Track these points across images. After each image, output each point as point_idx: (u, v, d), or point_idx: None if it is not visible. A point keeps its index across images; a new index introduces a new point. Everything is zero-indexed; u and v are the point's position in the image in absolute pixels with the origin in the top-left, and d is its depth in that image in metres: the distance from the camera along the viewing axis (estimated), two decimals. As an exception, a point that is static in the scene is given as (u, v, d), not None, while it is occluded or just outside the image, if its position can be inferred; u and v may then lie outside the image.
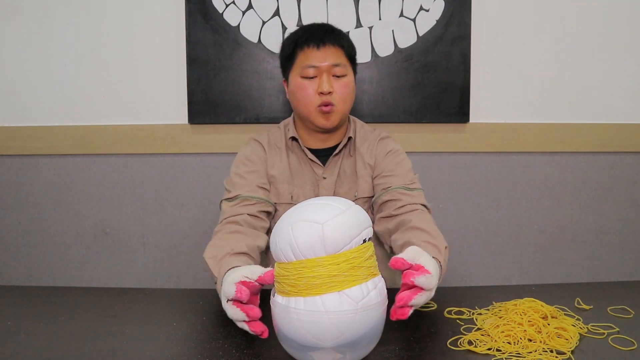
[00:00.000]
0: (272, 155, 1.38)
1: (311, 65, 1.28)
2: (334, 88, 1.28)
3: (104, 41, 1.76)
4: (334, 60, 1.28)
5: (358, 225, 0.82)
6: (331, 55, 1.28)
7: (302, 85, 1.29)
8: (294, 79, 1.31)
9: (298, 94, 1.31)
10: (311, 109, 1.30)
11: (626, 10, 1.78)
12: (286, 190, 1.35)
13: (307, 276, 0.80)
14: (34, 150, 1.79)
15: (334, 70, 1.29)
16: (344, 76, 1.30)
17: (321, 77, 1.28)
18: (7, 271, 1.85)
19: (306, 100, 1.30)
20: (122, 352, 0.90)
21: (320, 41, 1.28)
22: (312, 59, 1.28)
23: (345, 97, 1.31)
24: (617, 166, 1.84)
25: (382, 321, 0.84)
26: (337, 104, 1.29)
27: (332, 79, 1.29)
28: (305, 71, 1.28)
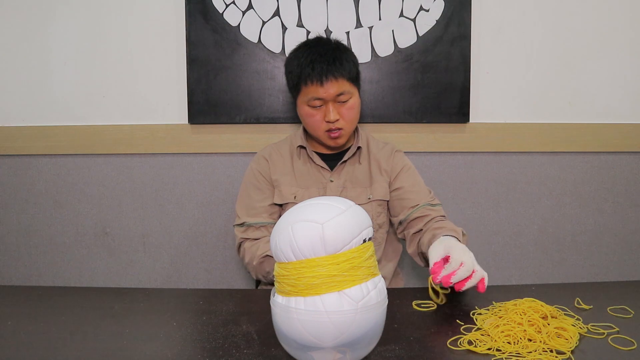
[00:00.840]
0: (275, 162, 1.48)
1: (316, 97, 1.37)
2: (340, 114, 1.38)
3: (103, 41, 1.76)
4: (338, 91, 1.37)
5: (358, 225, 0.82)
6: (335, 87, 1.36)
7: (310, 113, 1.40)
8: (302, 106, 1.41)
9: (307, 120, 1.42)
10: (320, 133, 1.41)
11: (626, 10, 1.78)
12: (289, 191, 1.43)
13: (307, 276, 0.80)
14: (34, 150, 1.79)
15: (338, 98, 1.38)
16: (348, 100, 1.39)
17: (327, 107, 1.38)
18: (7, 271, 1.85)
19: (315, 125, 1.41)
20: (122, 352, 0.90)
21: (323, 77, 1.35)
22: (316, 92, 1.37)
23: (352, 119, 1.42)
24: (617, 166, 1.84)
25: (382, 321, 0.84)
26: (344, 127, 1.40)
27: (337, 105, 1.38)
28: (312, 102, 1.38)
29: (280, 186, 1.44)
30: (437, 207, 1.41)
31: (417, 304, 1.09)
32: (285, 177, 1.45)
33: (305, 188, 1.44)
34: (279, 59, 1.73)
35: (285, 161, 1.48)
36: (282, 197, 1.44)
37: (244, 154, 1.79)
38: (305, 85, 1.37)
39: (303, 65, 1.38)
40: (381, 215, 1.47)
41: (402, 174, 1.47)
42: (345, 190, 1.45)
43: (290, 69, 1.42)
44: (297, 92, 1.41)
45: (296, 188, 1.44)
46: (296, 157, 1.48)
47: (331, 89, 1.36)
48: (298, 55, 1.41)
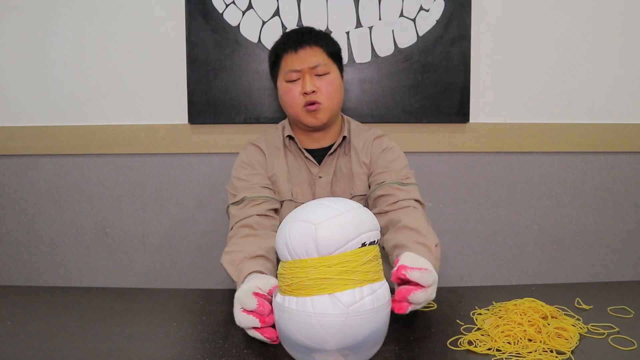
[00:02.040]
0: (271, 156, 1.41)
1: (292, 69, 1.32)
2: (317, 87, 1.32)
3: (103, 41, 1.76)
4: (314, 62, 1.32)
5: (355, 228, 0.81)
6: (310, 56, 1.32)
7: (287, 88, 1.34)
8: (281, 84, 1.36)
9: (285, 97, 1.35)
10: (298, 110, 1.34)
11: (626, 10, 1.78)
12: (286, 187, 1.38)
13: (299, 276, 0.80)
14: (34, 150, 1.79)
15: (315, 70, 1.33)
16: (327, 74, 1.34)
17: (304, 79, 1.32)
18: (7, 271, 1.85)
19: (292, 101, 1.34)
20: (122, 352, 0.90)
21: (297, 44, 1.33)
22: (292, 63, 1.32)
23: (331, 95, 1.34)
24: (617, 166, 1.84)
25: (383, 327, 0.83)
26: (323, 101, 1.33)
27: (315, 79, 1.32)
28: (289, 75, 1.33)
29: (277, 182, 1.39)
30: (409, 188, 1.29)
31: (417, 304, 1.09)
32: (281, 173, 1.39)
33: (298, 185, 1.39)
34: (279, 59, 1.73)
35: (279, 155, 1.41)
36: (280, 194, 1.38)
37: (244, 154, 1.78)
38: (282, 56, 1.35)
39: (281, 40, 1.38)
40: None
41: (380, 157, 1.37)
42: (333, 186, 1.38)
43: (270, 51, 1.41)
44: (276, 71, 1.38)
45: (291, 185, 1.39)
46: (287, 151, 1.42)
47: (307, 57, 1.32)
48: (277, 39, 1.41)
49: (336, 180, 1.38)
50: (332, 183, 1.38)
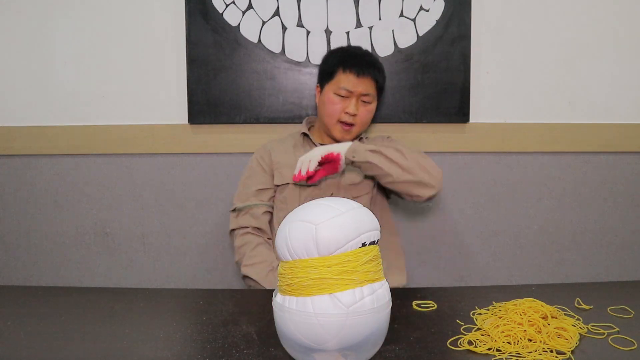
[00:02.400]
0: (277, 147, 1.58)
1: (347, 88, 1.48)
2: (358, 112, 1.49)
3: (104, 41, 1.76)
4: (366, 90, 1.49)
5: (355, 228, 0.81)
6: (366, 85, 1.49)
7: (334, 100, 1.50)
8: (328, 93, 1.51)
9: (328, 106, 1.51)
10: (333, 121, 1.51)
11: (626, 10, 1.78)
12: (289, 172, 1.51)
13: (300, 276, 0.80)
14: (34, 150, 1.79)
15: (363, 97, 1.49)
16: (369, 103, 1.51)
17: (351, 100, 1.49)
18: (7, 271, 1.85)
19: (332, 113, 1.50)
20: (122, 352, 0.90)
21: (361, 71, 1.48)
22: (349, 83, 1.48)
23: (366, 121, 1.54)
24: (617, 166, 1.84)
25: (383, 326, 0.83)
26: (357, 124, 1.51)
27: (359, 104, 1.50)
28: (340, 91, 1.49)
29: (280, 168, 1.53)
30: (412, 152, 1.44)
31: (417, 304, 1.09)
32: (286, 159, 1.54)
33: None
34: (279, 59, 1.74)
35: (287, 148, 1.57)
36: (282, 178, 1.53)
37: (244, 154, 1.79)
38: (343, 72, 1.48)
39: (347, 56, 1.52)
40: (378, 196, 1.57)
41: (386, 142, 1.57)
42: (344, 176, 1.53)
43: (329, 60, 1.54)
44: (329, 79, 1.51)
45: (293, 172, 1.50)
46: (299, 145, 1.58)
47: (362, 85, 1.48)
48: (341, 49, 1.59)
49: (348, 169, 1.53)
50: (345, 173, 1.54)
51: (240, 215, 1.52)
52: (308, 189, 1.51)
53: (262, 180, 1.55)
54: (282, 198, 1.53)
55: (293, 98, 1.75)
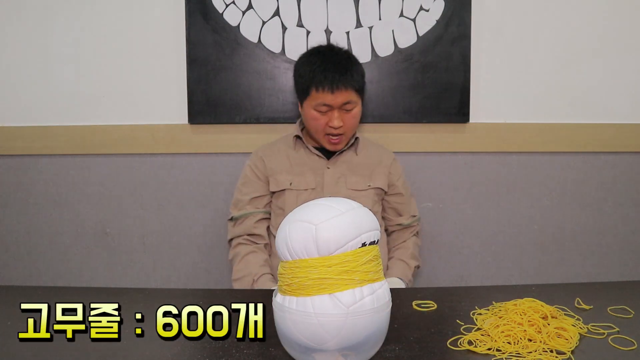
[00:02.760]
0: (270, 155, 1.56)
1: (324, 103, 1.44)
2: (343, 121, 1.46)
3: (104, 41, 1.76)
4: (345, 100, 1.45)
5: (356, 228, 0.81)
6: (343, 96, 1.44)
7: (315, 117, 1.47)
8: (308, 109, 1.48)
9: (311, 122, 1.49)
10: (320, 135, 1.49)
11: (626, 10, 1.78)
12: (285, 178, 1.52)
13: (300, 276, 0.80)
14: (34, 150, 1.79)
15: (344, 106, 1.46)
16: (352, 109, 1.48)
17: (332, 114, 1.45)
18: (7, 271, 1.85)
19: (317, 128, 1.48)
20: (122, 352, 0.90)
21: (334, 86, 1.43)
22: (325, 98, 1.44)
23: (352, 126, 1.50)
24: (617, 166, 1.84)
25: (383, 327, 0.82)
26: (345, 133, 1.49)
27: (342, 113, 1.46)
28: (319, 107, 1.45)
29: (275, 175, 1.53)
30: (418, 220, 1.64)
31: (417, 304, 1.09)
32: (280, 165, 1.53)
33: (301, 175, 1.51)
34: (279, 59, 1.74)
35: (280, 153, 1.56)
36: (278, 184, 1.52)
37: (244, 154, 1.78)
38: (316, 91, 1.44)
39: (316, 72, 1.45)
40: (376, 204, 1.56)
41: (401, 181, 1.61)
42: (344, 177, 1.52)
43: (301, 73, 1.48)
44: (305, 96, 1.47)
45: (292, 175, 1.52)
46: (292, 148, 1.56)
47: (339, 98, 1.43)
48: (311, 60, 1.48)
49: (350, 173, 1.53)
50: (346, 175, 1.53)
51: (237, 224, 1.54)
52: (305, 193, 1.51)
53: (257, 188, 1.55)
54: (280, 204, 1.52)
55: (293, 98, 1.75)
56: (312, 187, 1.51)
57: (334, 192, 1.50)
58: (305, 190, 1.50)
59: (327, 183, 1.51)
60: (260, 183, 1.55)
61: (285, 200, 1.51)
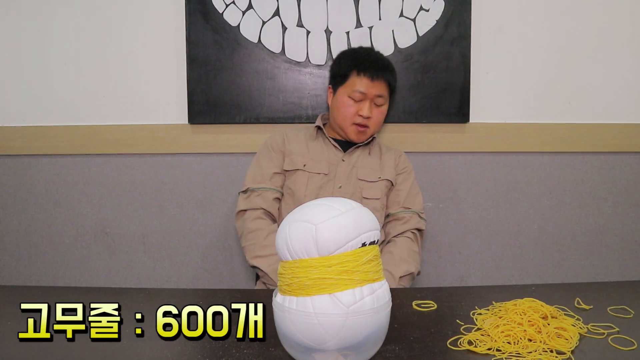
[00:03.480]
0: (290, 136, 1.59)
1: (361, 91, 1.50)
2: (372, 114, 1.51)
3: (103, 41, 1.76)
4: (380, 92, 1.51)
5: (355, 228, 0.81)
6: (379, 88, 1.51)
7: (348, 103, 1.51)
8: (342, 96, 1.53)
9: (342, 109, 1.53)
10: (347, 123, 1.53)
11: (626, 10, 1.78)
12: (300, 160, 1.54)
13: (300, 276, 0.80)
14: (34, 150, 1.79)
15: (376, 99, 1.52)
16: (382, 105, 1.54)
17: (365, 103, 1.51)
18: (7, 271, 1.85)
19: (346, 115, 1.52)
20: (122, 352, 0.90)
21: (375, 74, 1.50)
22: (363, 86, 1.50)
23: (379, 122, 1.56)
24: (617, 166, 1.84)
25: (383, 326, 0.82)
26: (371, 126, 1.53)
27: (372, 106, 1.52)
28: (354, 94, 1.50)
29: (292, 154, 1.55)
30: (421, 222, 1.55)
31: (417, 304, 1.09)
32: (298, 147, 1.56)
33: (316, 160, 1.54)
34: (279, 59, 1.74)
35: (300, 137, 1.59)
36: (293, 164, 1.54)
37: (244, 154, 1.79)
38: (357, 75, 1.50)
39: (360, 59, 1.53)
40: (383, 198, 1.57)
41: (406, 177, 1.59)
42: (356, 169, 1.54)
43: (343, 61, 1.55)
44: (343, 82, 1.53)
45: (307, 159, 1.54)
46: (312, 137, 1.59)
47: (376, 88, 1.50)
48: (354, 51, 1.59)
49: (362, 166, 1.55)
50: (358, 167, 1.55)
51: (252, 196, 1.50)
52: (317, 177, 1.52)
53: (277, 164, 1.55)
54: (290, 184, 1.53)
55: (293, 98, 1.75)
56: (325, 172, 1.52)
57: (345, 181, 1.52)
58: (317, 174, 1.52)
59: (339, 171, 1.53)
60: (280, 160, 1.55)
61: (296, 181, 1.51)
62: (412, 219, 1.53)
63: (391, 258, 1.43)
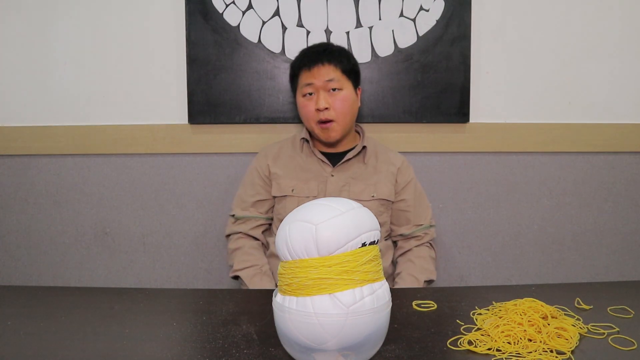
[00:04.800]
0: (275, 157, 1.54)
1: (307, 83, 1.44)
2: (330, 104, 1.43)
3: (103, 41, 1.76)
4: (327, 77, 1.43)
5: (355, 228, 0.81)
6: (324, 73, 1.43)
7: (303, 103, 1.47)
8: (298, 99, 1.49)
9: (301, 111, 1.49)
10: (313, 125, 1.46)
11: (626, 10, 1.78)
12: (288, 184, 1.49)
13: (300, 276, 0.80)
14: (34, 150, 1.79)
15: (328, 85, 1.43)
16: (340, 90, 1.44)
17: (318, 95, 1.44)
18: (7, 271, 1.85)
19: (307, 116, 1.46)
20: (122, 352, 0.90)
21: (311, 62, 1.44)
22: (307, 78, 1.44)
23: (344, 111, 1.44)
24: (617, 166, 1.84)
25: (383, 326, 0.82)
26: (336, 118, 1.44)
27: (328, 95, 1.41)
28: (304, 90, 1.46)
29: (278, 179, 1.50)
30: (432, 229, 1.56)
31: (417, 304, 1.09)
32: (284, 170, 1.51)
33: (304, 181, 1.49)
34: (279, 59, 1.74)
35: (286, 156, 1.54)
36: (280, 190, 1.50)
37: (244, 154, 1.79)
38: (299, 71, 1.47)
39: (297, 57, 1.51)
40: (383, 215, 1.52)
41: (408, 188, 1.54)
42: (347, 185, 1.48)
43: (293, 63, 1.53)
44: (295, 86, 1.51)
45: (295, 181, 1.49)
46: (298, 151, 1.54)
47: (319, 74, 1.43)
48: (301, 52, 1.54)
49: (354, 182, 1.49)
50: (350, 184, 1.48)
51: (237, 223, 1.55)
52: (306, 200, 1.46)
53: (261, 192, 1.54)
54: (281, 209, 1.51)
55: (293, 98, 1.75)
56: (314, 194, 1.47)
57: None
58: (306, 198, 1.47)
59: (329, 191, 1.47)
60: (264, 187, 1.55)
61: (286, 206, 1.49)
62: (427, 234, 1.55)
63: (412, 265, 1.47)
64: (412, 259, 1.49)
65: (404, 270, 1.47)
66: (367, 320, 0.79)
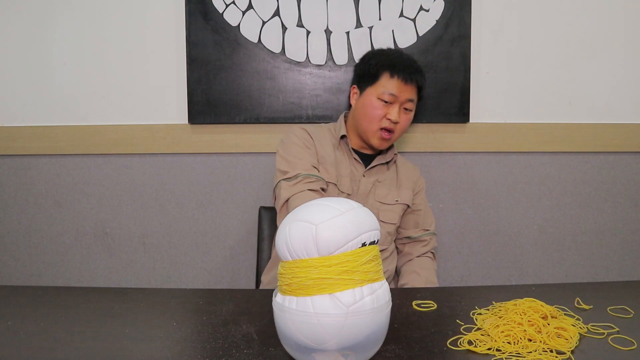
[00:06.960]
0: (320, 140, 1.48)
1: (393, 93, 1.42)
2: (400, 119, 1.44)
3: (103, 41, 1.76)
4: (411, 97, 1.44)
5: (355, 228, 0.81)
6: (411, 92, 1.44)
7: (376, 105, 1.43)
8: (370, 96, 1.44)
9: (369, 110, 1.44)
10: (373, 128, 1.44)
11: (626, 10, 1.78)
12: (333, 173, 1.45)
13: (300, 276, 0.80)
14: (34, 150, 1.79)
15: (406, 104, 1.44)
16: (411, 112, 1.47)
17: (394, 106, 1.43)
18: (7, 271, 1.85)
19: (373, 118, 1.43)
20: (122, 352, 0.90)
21: (409, 77, 1.42)
22: (395, 88, 1.42)
23: (404, 129, 1.48)
24: (617, 166, 1.84)
25: (383, 326, 0.82)
26: (395, 132, 1.45)
27: (401, 111, 1.44)
28: (385, 95, 1.42)
29: (325, 164, 1.45)
30: (434, 238, 1.58)
31: (417, 304, 1.09)
32: (327, 156, 1.46)
33: (342, 176, 1.47)
34: (279, 59, 1.74)
35: (327, 144, 1.49)
36: (328, 174, 1.44)
37: (244, 154, 1.79)
38: (390, 77, 1.42)
39: (394, 60, 1.44)
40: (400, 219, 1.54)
41: (421, 195, 1.57)
42: (374, 188, 1.49)
43: (372, 60, 1.46)
44: (372, 82, 1.44)
45: (335, 174, 1.46)
46: (337, 145, 1.51)
47: (409, 91, 1.43)
48: (385, 51, 1.49)
49: (380, 185, 1.50)
50: (376, 187, 1.49)
51: (301, 182, 1.36)
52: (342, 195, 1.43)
53: (315, 161, 1.43)
54: None
55: (293, 98, 1.75)
56: (349, 192, 1.46)
57: (363, 201, 1.46)
58: (342, 194, 1.45)
59: (361, 191, 1.47)
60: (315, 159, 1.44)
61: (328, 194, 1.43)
62: (431, 240, 1.56)
63: (418, 278, 1.47)
64: (418, 271, 1.48)
65: (410, 282, 1.47)
66: (367, 320, 0.79)
